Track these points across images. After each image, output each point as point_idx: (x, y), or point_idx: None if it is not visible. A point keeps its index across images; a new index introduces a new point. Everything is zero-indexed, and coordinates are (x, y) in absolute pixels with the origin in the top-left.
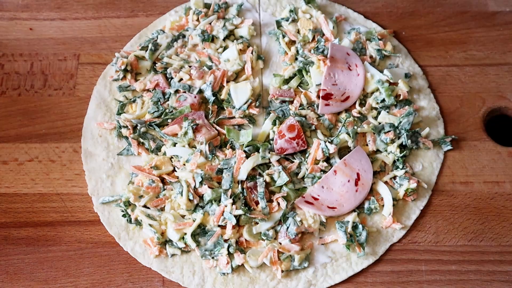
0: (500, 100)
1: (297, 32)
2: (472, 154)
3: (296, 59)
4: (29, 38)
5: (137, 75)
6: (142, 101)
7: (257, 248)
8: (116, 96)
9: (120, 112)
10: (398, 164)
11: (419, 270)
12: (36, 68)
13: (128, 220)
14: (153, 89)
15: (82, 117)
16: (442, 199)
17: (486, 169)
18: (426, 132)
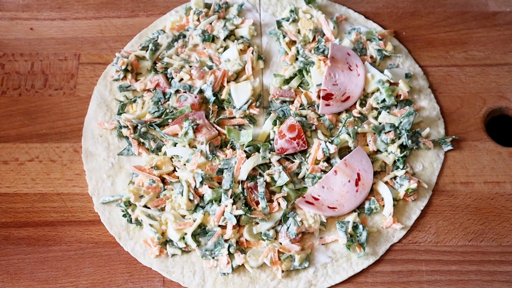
0: (501, 101)
1: (298, 32)
2: (473, 154)
3: (297, 59)
4: (30, 38)
5: (138, 75)
6: (143, 101)
7: (258, 248)
8: (117, 96)
9: (121, 112)
10: (399, 164)
11: (420, 270)
12: (37, 68)
13: (129, 220)
14: (154, 89)
15: (83, 117)
16: (443, 199)
17: (487, 170)
18: (427, 132)
